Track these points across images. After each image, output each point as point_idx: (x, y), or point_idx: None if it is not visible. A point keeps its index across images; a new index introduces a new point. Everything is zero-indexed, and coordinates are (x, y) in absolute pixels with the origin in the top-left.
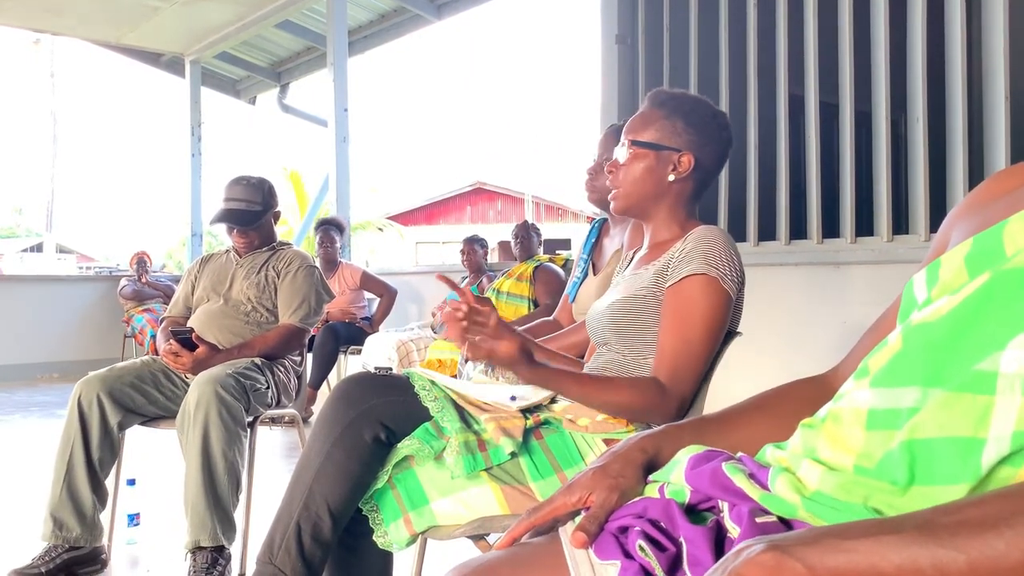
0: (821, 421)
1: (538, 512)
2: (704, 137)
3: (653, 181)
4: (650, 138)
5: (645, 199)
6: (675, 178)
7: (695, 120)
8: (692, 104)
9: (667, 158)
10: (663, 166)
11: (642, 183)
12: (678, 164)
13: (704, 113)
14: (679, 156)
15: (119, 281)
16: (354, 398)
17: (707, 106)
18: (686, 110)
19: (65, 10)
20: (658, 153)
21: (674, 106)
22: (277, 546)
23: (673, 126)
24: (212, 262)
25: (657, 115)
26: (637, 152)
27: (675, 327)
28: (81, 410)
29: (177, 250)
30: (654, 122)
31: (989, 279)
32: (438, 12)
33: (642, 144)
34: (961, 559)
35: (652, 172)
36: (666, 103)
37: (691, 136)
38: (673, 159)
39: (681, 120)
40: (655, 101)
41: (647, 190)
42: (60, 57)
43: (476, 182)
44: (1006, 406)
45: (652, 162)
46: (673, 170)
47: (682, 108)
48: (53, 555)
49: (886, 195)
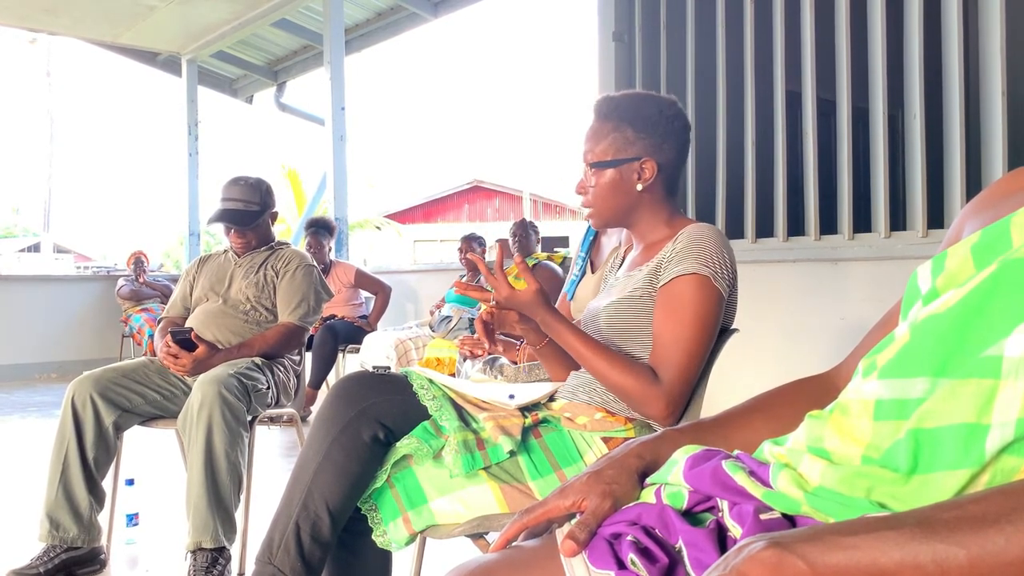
0: (829, 412)
1: (531, 513)
2: (658, 137)
3: (622, 194)
4: (605, 155)
5: (619, 212)
6: (643, 186)
7: (642, 124)
8: (636, 106)
9: (629, 169)
10: (628, 178)
11: (612, 199)
12: (642, 172)
13: (650, 112)
14: (640, 164)
15: (117, 281)
16: (352, 397)
17: (652, 102)
18: (631, 116)
19: (61, 9)
20: (618, 168)
21: (619, 115)
22: (276, 546)
23: (624, 136)
24: (210, 262)
25: (606, 128)
26: (598, 172)
27: (668, 326)
28: (75, 410)
29: (175, 249)
30: (605, 136)
31: (996, 269)
32: (435, 10)
33: (601, 164)
34: (961, 554)
35: (618, 187)
36: (610, 114)
37: (645, 140)
38: (635, 168)
39: (630, 128)
40: (600, 113)
41: (619, 204)
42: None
43: (474, 180)
44: (1010, 391)
45: (616, 177)
46: (639, 179)
47: (627, 115)
48: (51, 555)
49: (883, 191)
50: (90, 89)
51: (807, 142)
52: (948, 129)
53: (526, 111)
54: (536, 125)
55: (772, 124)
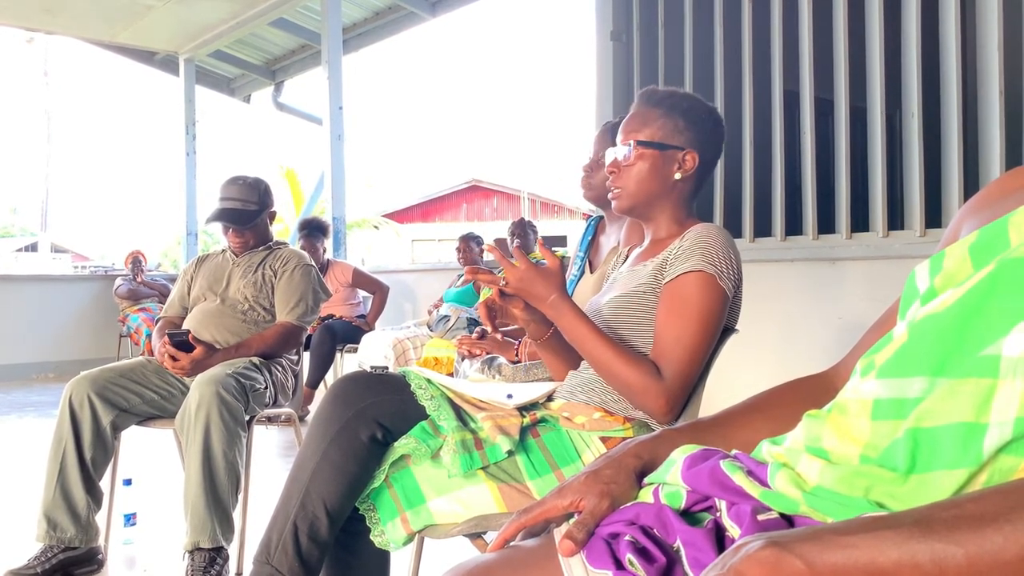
0: (827, 412)
1: (529, 513)
2: (704, 134)
3: (659, 180)
4: (653, 137)
5: (650, 198)
6: (681, 176)
7: (694, 117)
8: (689, 101)
9: (672, 156)
10: (668, 165)
11: (648, 183)
12: (683, 162)
13: (700, 110)
14: (683, 154)
15: (114, 280)
16: (350, 397)
17: (702, 103)
18: (684, 107)
19: (59, 8)
20: (663, 152)
21: (671, 104)
22: (274, 546)
23: (675, 124)
24: (208, 262)
25: (655, 113)
26: (642, 152)
27: (671, 323)
28: (72, 410)
29: (172, 249)
30: (654, 120)
31: (994, 268)
32: (432, 9)
33: (647, 144)
34: (959, 553)
35: (658, 171)
36: (663, 101)
37: (692, 133)
38: (678, 157)
39: (681, 118)
40: (651, 100)
41: (653, 189)
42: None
43: (472, 179)
44: (1008, 390)
45: (658, 161)
46: (679, 168)
47: (680, 106)
48: (49, 555)
49: (881, 191)
50: (88, 88)
51: (805, 141)
52: (946, 129)
53: (524, 110)
54: (534, 125)
55: (770, 124)
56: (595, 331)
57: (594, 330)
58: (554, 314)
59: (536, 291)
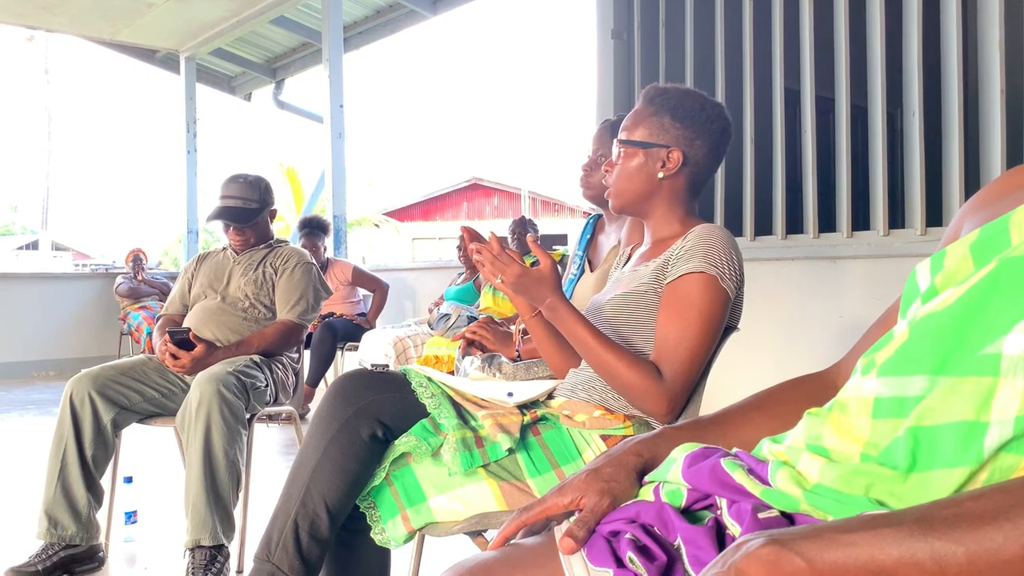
0: (827, 410)
1: (530, 511)
2: (692, 131)
3: (643, 178)
4: (639, 136)
5: (638, 197)
6: (664, 175)
7: (682, 115)
8: (680, 98)
9: (655, 155)
10: (652, 163)
11: (632, 181)
12: (667, 160)
13: (692, 107)
14: (667, 152)
15: (115, 278)
16: (351, 395)
17: (697, 99)
18: (673, 105)
19: (59, 7)
20: (646, 151)
21: (662, 102)
22: (275, 544)
23: (660, 122)
24: (209, 259)
25: (647, 112)
26: (627, 151)
27: (672, 323)
28: (73, 408)
29: (173, 247)
30: (644, 120)
31: (995, 267)
32: (433, 7)
33: (629, 143)
34: (959, 551)
35: (641, 170)
36: (655, 99)
37: (679, 131)
38: (661, 156)
39: (668, 116)
40: (646, 98)
41: (638, 188)
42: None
43: (472, 178)
44: (1009, 389)
45: (641, 160)
46: (662, 167)
47: (669, 103)
48: (50, 553)
49: (882, 189)
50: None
51: (806, 140)
52: (947, 127)
53: (525, 109)
54: (535, 123)
55: (771, 122)
56: (594, 333)
57: (593, 332)
58: (552, 316)
59: (531, 296)
